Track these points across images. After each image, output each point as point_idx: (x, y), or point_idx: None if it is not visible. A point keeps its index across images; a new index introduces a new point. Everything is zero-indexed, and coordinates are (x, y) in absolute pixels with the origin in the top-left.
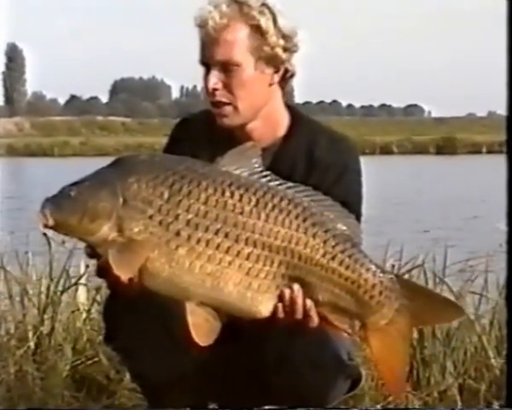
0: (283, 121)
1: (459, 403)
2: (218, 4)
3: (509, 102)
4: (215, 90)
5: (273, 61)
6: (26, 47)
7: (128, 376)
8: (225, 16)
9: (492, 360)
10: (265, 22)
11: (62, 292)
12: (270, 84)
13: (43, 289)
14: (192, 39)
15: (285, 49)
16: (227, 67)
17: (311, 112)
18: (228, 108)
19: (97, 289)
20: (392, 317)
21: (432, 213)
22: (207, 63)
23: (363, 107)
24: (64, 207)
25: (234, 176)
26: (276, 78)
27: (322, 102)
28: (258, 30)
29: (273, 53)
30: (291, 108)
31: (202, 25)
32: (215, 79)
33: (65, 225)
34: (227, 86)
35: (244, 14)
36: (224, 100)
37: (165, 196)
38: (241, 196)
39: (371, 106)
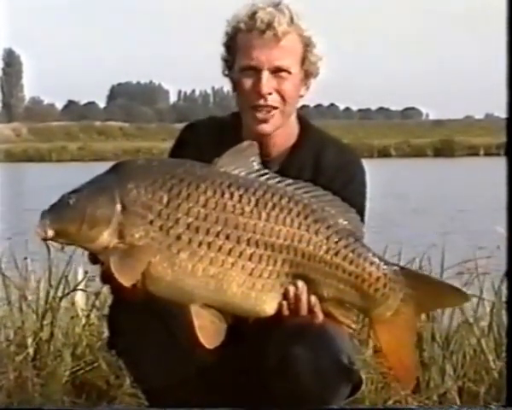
0: (295, 131)
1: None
2: (279, 9)
3: (509, 104)
4: (269, 94)
5: (310, 75)
6: (23, 52)
7: (128, 381)
8: (287, 23)
9: (491, 363)
10: (313, 36)
11: (61, 298)
12: (301, 96)
13: (42, 294)
14: (189, 43)
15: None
16: (280, 74)
17: (309, 116)
18: (275, 114)
19: (96, 295)
20: (398, 307)
21: (429, 215)
22: (257, 67)
23: (360, 110)
24: (63, 216)
25: (232, 176)
26: (305, 91)
27: (319, 105)
28: (308, 42)
29: (314, 67)
30: (300, 117)
31: (262, 28)
32: (270, 83)
33: (64, 233)
34: (278, 92)
35: (298, 25)
36: (274, 105)
37: (165, 200)
38: (241, 196)
39: (369, 109)
